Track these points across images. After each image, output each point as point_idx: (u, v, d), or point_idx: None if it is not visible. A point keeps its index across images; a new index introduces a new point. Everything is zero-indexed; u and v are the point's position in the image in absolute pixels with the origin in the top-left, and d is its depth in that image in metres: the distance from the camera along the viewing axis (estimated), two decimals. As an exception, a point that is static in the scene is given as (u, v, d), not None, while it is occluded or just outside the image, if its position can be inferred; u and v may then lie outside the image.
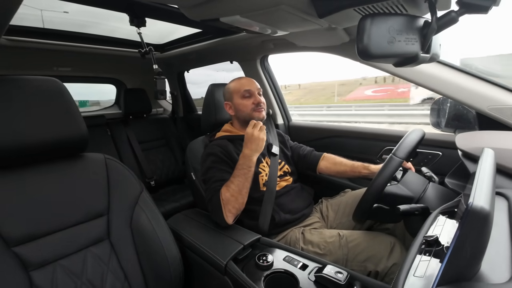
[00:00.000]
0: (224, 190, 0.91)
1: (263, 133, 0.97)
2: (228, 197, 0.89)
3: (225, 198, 0.89)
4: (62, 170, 0.76)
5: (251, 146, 0.94)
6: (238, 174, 0.92)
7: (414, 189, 0.84)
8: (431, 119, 1.16)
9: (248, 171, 0.93)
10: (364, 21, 0.50)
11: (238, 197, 0.90)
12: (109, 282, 0.74)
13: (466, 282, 0.39)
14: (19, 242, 0.65)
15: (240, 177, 0.91)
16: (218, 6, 0.75)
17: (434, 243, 0.50)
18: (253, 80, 1.13)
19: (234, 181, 0.91)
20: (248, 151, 0.94)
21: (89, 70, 2.14)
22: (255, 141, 0.95)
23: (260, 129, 0.96)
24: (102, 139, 1.95)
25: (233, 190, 0.90)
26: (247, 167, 0.93)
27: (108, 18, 1.36)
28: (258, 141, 0.95)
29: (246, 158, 0.94)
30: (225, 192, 0.90)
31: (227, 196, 0.90)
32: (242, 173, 0.92)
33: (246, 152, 0.94)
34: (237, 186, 0.90)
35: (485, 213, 0.37)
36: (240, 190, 0.90)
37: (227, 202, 0.89)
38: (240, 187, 0.90)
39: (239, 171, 0.93)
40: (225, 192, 0.90)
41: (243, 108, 1.08)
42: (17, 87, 0.67)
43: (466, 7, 0.51)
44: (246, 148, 0.95)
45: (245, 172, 0.92)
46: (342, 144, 1.47)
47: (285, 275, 0.71)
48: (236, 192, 0.90)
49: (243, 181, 0.91)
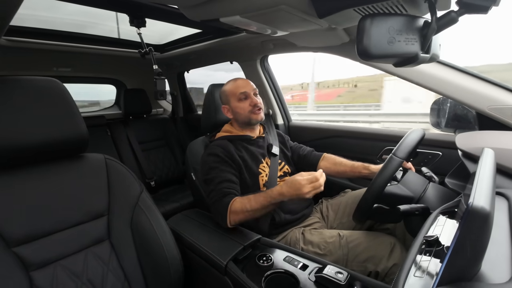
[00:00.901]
0: (238, 205, 0.87)
1: (313, 192, 0.81)
2: (238, 212, 0.87)
3: (235, 209, 0.87)
4: (62, 170, 0.76)
5: (290, 190, 0.82)
6: (261, 202, 0.86)
7: (414, 189, 0.84)
8: (431, 119, 1.16)
9: (272, 206, 0.87)
10: (364, 21, 0.50)
11: (248, 217, 0.87)
12: (109, 282, 0.74)
13: (466, 282, 0.39)
14: (19, 243, 0.65)
15: (260, 205, 0.86)
16: (218, 6, 0.75)
17: (434, 243, 0.50)
18: (248, 81, 1.12)
19: (252, 205, 0.86)
20: (286, 192, 0.82)
21: (89, 70, 2.14)
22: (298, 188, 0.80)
23: (314, 185, 0.81)
24: (102, 140, 1.95)
25: (246, 210, 0.86)
26: (273, 203, 0.86)
27: (108, 18, 1.36)
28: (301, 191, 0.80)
29: (280, 197, 0.84)
30: (238, 207, 0.87)
31: (237, 210, 0.87)
32: (265, 205, 0.86)
33: (284, 192, 0.83)
34: (252, 210, 0.86)
35: (485, 213, 0.37)
36: (253, 214, 0.87)
37: (235, 214, 0.87)
38: (255, 213, 0.87)
39: (263, 200, 0.86)
40: (237, 207, 0.87)
41: (240, 111, 1.08)
42: (17, 87, 0.68)
43: (466, 7, 0.51)
44: (287, 189, 0.82)
45: (267, 206, 0.86)
46: (342, 144, 1.47)
47: (285, 276, 0.71)
48: (249, 214, 0.87)
49: (260, 209, 0.87)
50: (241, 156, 1.04)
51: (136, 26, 1.21)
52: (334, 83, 18.65)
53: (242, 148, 1.07)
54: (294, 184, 0.81)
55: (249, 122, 1.09)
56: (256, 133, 1.16)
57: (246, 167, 1.03)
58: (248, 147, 1.09)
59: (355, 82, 17.15)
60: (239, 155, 1.03)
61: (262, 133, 1.19)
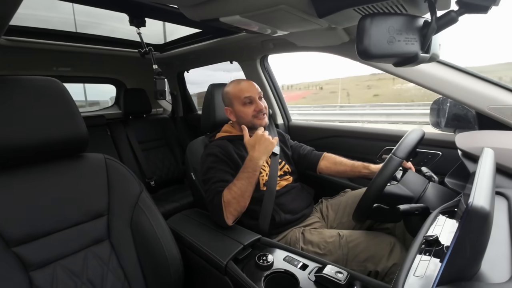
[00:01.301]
0: (226, 192, 0.89)
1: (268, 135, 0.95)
2: (229, 200, 0.88)
3: (227, 200, 0.88)
4: (62, 170, 0.76)
5: (260, 148, 0.91)
6: (242, 177, 0.90)
7: (414, 189, 0.84)
8: (431, 119, 1.16)
9: (253, 175, 0.90)
10: (364, 21, 0.50)
11: (240, 200, 0.88)
12: (109, 282, 0.74)
13: (466, 282, 0.39)
14: (19, 242, 0.65)
15: (243, 180, 0.89)
16: (217, 6, 0.75)
17: (434, 242, 0.50)
18: (253, 84, 1.10)
19: (237, 184, 0.89)
20: (256, 154, 0.91)
21: (89, 70, 2.14)
22: (264, 143, 0.91)
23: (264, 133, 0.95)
24: (102, 139, 1.95)
25: (235, 192, 0.88)
26: (252, 171, 0.90)
27: (108, 18, 1.36)
28: (268, 143, 0.92)
29: (253, 161, 0.91)
30: (227, 194, 0.89)
31: (228, 198, 0.88)
32: (246, 176, 0.89)
33: (254, 155, 0.91)
34: (239, 189, 0.88)
35: (485, 212, 0.37)
36: (243, 193, 0.89)
37: (229, 205, 0.88)
38: (243, 190, 0.89)
39: (243, 174, 0.90)
40: (227, 194, 0.89)
41: (244, 116, 1.07)
42: (16, 87, 0.67)
43: (465, 7, 0.51)
44: (254, 150, 0.92)
45: (249, 176, 0.90)
46: (342, 144, 1.47)
47: (285, 275, 0.71)
48: (239, 195, 0.88)
49: (246, 184, 0.89)
50: (241, 155, 1.04)
51: (136, 25, 1.21)
52: (306, 85, 19.61)
53: (242, 147, 1.07)
54: (260, 141, 0.92)
55: (253, 126, 1.08)
56: (256, 133, 1.16)
57: (246, 166, 1.03)
58: (248, 147, 1.09)
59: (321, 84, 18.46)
60: (239, 154, 1.03)
61: (262, 133, 1.19)
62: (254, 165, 0.90)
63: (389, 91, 19.63)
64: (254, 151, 0.91)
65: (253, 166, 0.90)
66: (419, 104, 8.82)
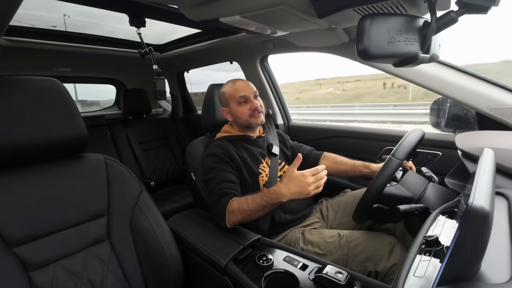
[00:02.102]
0: (235, 205, 0.87)
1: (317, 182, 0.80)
2: (235, 212, 0.86)
3: (232, 210, 0.87)
4: (62, 170, 0.76)
5: (293, 188, 0.79)
6: (257, 202, 0.84)
7: (414, 189, 0.84)
8: (431, 119, 1.16)
9: (269, 206, 0.84)
10: (364, 21, 0.50)
11: (246, 218, 0.87)
12: (109, 282, 0.74)
13: (466, 282, 0.39)
14: (19, 243, 0.65)
15: (257, 205, 0.84)
16: (217, 6, 0.75)
17: (434, 243, 0.50)
18: (247, 83, 1.10)
19: (249, 205, 0.85)
20: (285, 191, 0.80)
21: (89, 70, 2.14)
22: (301, 187, 0.78)
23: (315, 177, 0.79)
24: (102, 140, 1.95)
25: (244, 211, 0.85)
26: (271, 204, 0.83)
27: (108, 18, 1.36)
28: (305, 190, 0.78)
29: (277, 195, 0.81)
30: (235, 206, 0.87)
31: (235, 210, 0.86)
32: (262, 205, 0.84)
33: (282, 191, 0.80)
34: (250, 210, 0.85)
35: (485, 213, 0.37)
36: (251, 215, 0.86)
37: (233, 214, 0.87)
38: (253, 213, 0.85)
39: (261, 200, 0.84)
40: (235, 206, 0.87)
41: (240, 115, 1.07)
42: (16, 87, 0.67)
43: (465, 7, 0.51)
44: (287, 186, 0.80)
45: (265, 206, 0.83)
46: (341, 144, 1.47)
47: (285, 275, 0.71)
48: (247, 214, 0.86)
49: (258, 210, 0.84)
50: (241, 156, 1.04)
51: (136, 26, 1.21)
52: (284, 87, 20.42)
53: (242, 148, 1.07)
54: (300, 182, 0.78)
55: (249, 125, 1.09)
56: (256, 133, 1.16)
57: (246, 167, 1.03)
58: (248, 147, 1.09)
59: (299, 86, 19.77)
60: (239, 155, 1.03)
61: (262, 133, 1.19)
62: (276, 199, 0.82)
63: (311, 94, 22.52)
64: (287, 187, 0.80)
65: (274, 200, 0.82)
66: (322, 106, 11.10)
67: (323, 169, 0.82)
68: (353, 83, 24.45)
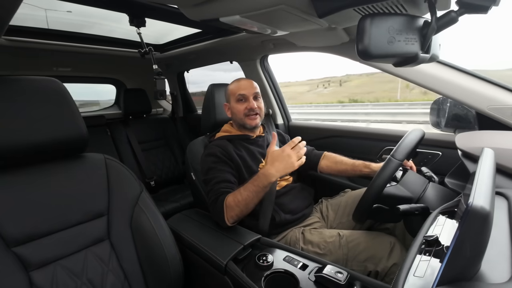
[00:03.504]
0: (230, 198, 0.87)
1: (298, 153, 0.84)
2: (232, 205, 0.87)
3: (229, 205, 0.87)
4: (62, 170, 0.76)
5: (279, 165, 0.82)
6: (250, 189, 0.85)
7: (414, 189, 0.84)
8: (431, 119, 1.16)
9: (262, 190, 0.85)
10: (364, 21, 0.50)
11: (243, 209, 0.87)
12: (109, 282, 0.74)
13: (466, 282, 0.39)
14: (19, 243, 0.65)
15: (250, 192, 0.85)
16: (217, 6, 0.75)
17: (434, 243, 0.50)
18: (251, 83, 1.11)
19: (242, 194, 0.86)
20: (272, 170, 0.82)
21: (89, 70, 2.15)
22: (287, 162, 0.82)
23: (295, 149, 0.84)
24: (102, 139, 1.95)
25: (239, 201, 0.86)
26: (261, 186, 0.84)
27: (108, 18, 1.36)
28: (290, 164, 0.82)
29: (266, 176, 0.83)
30: (231, 200, 0.87)
31: (231, 204, 0.87)
32: (254, 190, 0.84)
33: (270, 171, 0.83)
34: (244, 199, 0.85)
35: (485, 212, 0.37)
36: (247, 204, 0.86)
37: (231, 209, 0.87)
38: (248, 201, 0.85)
39: (252, 185, 0.85)
40: (231, 200, 0.87)
41: (236, 112, 1.08)
42: (17, 87, 0.67)
43: (465, 7, 0.51)
44: (272, 165, 0.83)
45: (258, 190, 0.84)
46: (342, 144, 1.47)
47: (285, 275, 0.71)
48: (242, 204, 0.86)
49: (252, 197, 0.85)
50: (240, 155, 1.04)
51: (136, 25, 1.21)
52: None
53: (241, 147, 1.07)
54: (282, 158, 0.83)
55: (244, 125, 1.09)
56: (256, 132, 1.16)
57: (246, 166, 1.03)
58: (248, 146, 1.09)
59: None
60: (238, 154, 1.03)
61: (261, 133, 1.19)
62: (266, 181, 0.83)
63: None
64: (272, 166, 0.83)
65: (264, 182, 0.84)
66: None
67: (299, 140, 0.87)
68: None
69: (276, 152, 0.85)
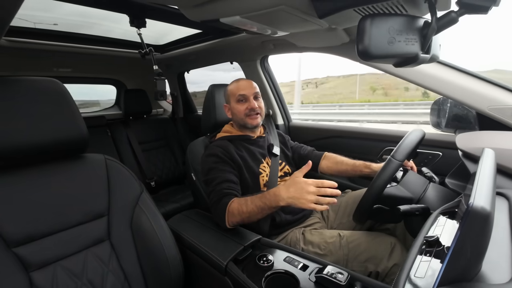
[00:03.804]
0: (235, 206, 0.86)
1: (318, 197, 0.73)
2: (235, 214, 0.86)
3: (232, 212, 0.86)
4: (63, 170, 0.76)
5: (294, 193, 0.75)
6: (256, 204, 0.83)
7: (414, 190, 0.84)
8: (432, 119, 1.16)
9: (268, 209, 0.82)
10: (364, 22, 0.50)
11: (245, 219, 0.86)
12: (109, 283, 0.74)
13: (467, 283, 0.39)
14: (19, 243, 0.65)
15: (256, 208, 0.83)
16: (218, 6, 0.75)
17: (434, 243, 0.50)
18: (251, 83, 1.11)
19: (248, 207, 0.84)
20: (284, 194, 0.77)
21: (89, 71, 2.15)
22: (302, 193, 0.74)
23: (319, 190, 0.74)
24: (103, 140, 1.95)
25: (243, 212, 0.84)
26: (269, 205, 0.81)
27: (108, 18, 1.36)
28: (304, 198, 0.73)
29: (277, 198, 0.79)
30: (234, 208, 0.86)
31: (234, 212, 0.86)
32: (261, 207, 0.82)
33: (281, 194, 0.78)
34: (248, 212, 0.84)
35: (485, 213, 0.37)
36: (250, 217, 0.85)
37: (232, 216, 0.86)
38: (251, 215, 0.84)
39: (259, 202, 0.83)
40: (234, 208, 0.86)
41: (237, 113, 1.08)
42: (17, 88, 0.68)
43: (466, 7, 0.51)
44: (287, 190, 0.77)
45: (264, 208, 0.82)
46: (342, 145, 1.47)
47: (285, 276, 0.71)
48: (245, 216, 0.85)
49: (257, 213, 0.83)
50: (241, 156, 1.04)
51: (136, 26, 1.22)
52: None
53: (242, 148, 1.07)
54: (301, 188, 0.74)
55: (245, 125, 1.09)
56: (257, 133, 1.16)
57: (247, 167, 1.03)
58: (249, 147, 1.09)
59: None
60: (239, 155, 1.03)
61: (262, 133, 1.19)
62: (274, 201, 0.80)
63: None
64: (287, 190, 0.78)
65: (272, 202, 0.80)
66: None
67: (330, 184, 0.75)
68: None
69: (298, 179, 0.77)
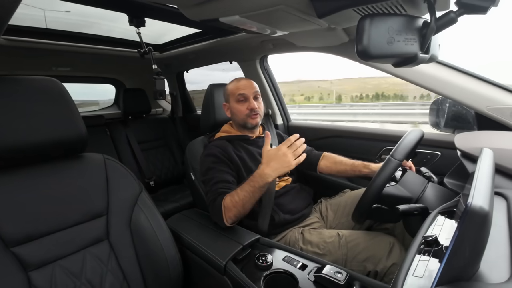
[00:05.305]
0: (228, 199, 0.87)
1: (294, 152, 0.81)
2: (230, 206, 0.86)
3: (227, 206, 0.87)
4: (61, 170, 0.76)
5: (275, 165, 0.80)
6: (246, 189, 0.84)
7: (413, 189, 0.84)
8: (430, 119, 1.17)
9: (258, 191, 0.83)
10: (364, 22, 0.50)
11: (240, 209, 0.86)
12: (108, 283, 0.74)
13: (465, 282, 0.39)
14: (18, 243, 0.65)
15: (247, 193, 0.84)
16: (217, 6, 0.75)
17: (433, 243, 0.50)
18: (251, 82, 1.11)
19: (239, 194, 0.85)
20: (268, 170, 0.81)
21: (88, 70, 2.14)
22: (283, 161, 0.80)
23: (291, 147, 0.81)
24: (101, 139, 1.94)
25: (236, 202, 0.85)
26: (258, 186, 0.82)
27: (107, 17, 1.35)
28: (286, 163, 0.80)
29: (262, 177, 0.81)
30: (228, 200, 0.87)
31: (229, 205, 0.86)
32: (251, 190, 0.83)
33: (265, 171, 0.81)
34: (241, 200, 0.84)
35: (484, 213, 0.37)
36: (244, 204, 0.85)
37: (228, 210, 0.87)
38: (245, 201, 0.85)
39: (248, 186, 0.84)
40: (228, 201, 0.87)
41: (237, 113, 1.08)
42: (16, 87, 0.67)
43: (465, 7, 0.51)
44: (268, 165, 0.81)
45: (254, 191, 0.83)
46: (341, 144, 1.47)
47: (284, 275, 0.71)
48: (240, 205, 0.85)
49: (249, 197, 0.84)
50: (240, 156, 1.04)
51: (135, 25, 1.21)
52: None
53: (241, 148, 1.07)
54: (278, 157, 0.81)
55: (245, 125, 1.09)
56: (255, 133, 1.16)
57: (245, 167, 1.03)
58: (247, 147, 1.09)
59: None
60: (238, 155, 1.03)
61: (261, 133, 1.19)
62: (262, 181, 0.82)
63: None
64: (268, 166, 0.81)
65: (260, 182, 0.82)
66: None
67: (297, 137, 0.83)
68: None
69: (271, 151, 0.83)
